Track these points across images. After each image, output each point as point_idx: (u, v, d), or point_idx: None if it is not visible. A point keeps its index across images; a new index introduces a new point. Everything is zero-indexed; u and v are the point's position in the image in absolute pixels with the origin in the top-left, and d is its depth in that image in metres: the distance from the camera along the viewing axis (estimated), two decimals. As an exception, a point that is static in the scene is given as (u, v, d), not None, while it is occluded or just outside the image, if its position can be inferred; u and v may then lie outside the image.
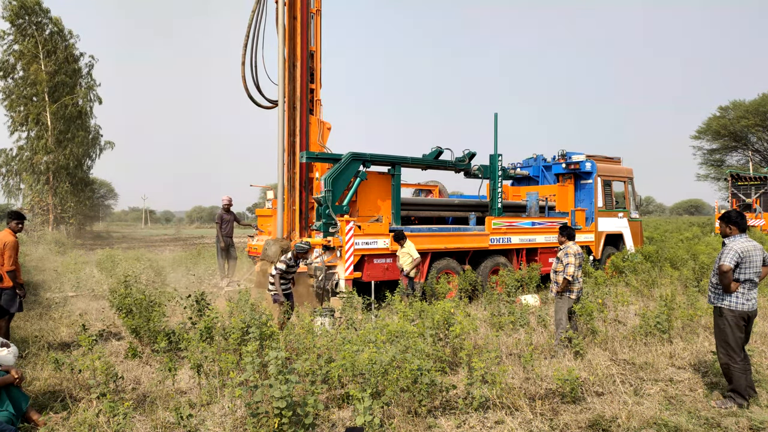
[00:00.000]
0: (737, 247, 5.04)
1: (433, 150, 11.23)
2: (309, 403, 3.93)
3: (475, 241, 10.94)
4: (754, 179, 26.59)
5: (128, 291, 7.45)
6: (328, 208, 9.32)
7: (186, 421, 4.24)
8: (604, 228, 13.57)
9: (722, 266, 5.03)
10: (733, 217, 5.19)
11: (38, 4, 30.81)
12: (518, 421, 4.68)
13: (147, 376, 5.95)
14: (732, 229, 5.18)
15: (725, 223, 5.22)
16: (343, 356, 4.85)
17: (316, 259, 9.40)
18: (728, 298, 5.11)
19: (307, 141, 10.31)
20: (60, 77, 31.45)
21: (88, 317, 8.84)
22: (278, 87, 10.15)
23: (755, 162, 45.26)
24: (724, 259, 5.04)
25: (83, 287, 12.58)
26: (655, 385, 5.63)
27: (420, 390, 4.67)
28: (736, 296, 5.09)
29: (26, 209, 30.39)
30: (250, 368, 4.29)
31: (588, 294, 8.00)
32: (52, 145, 30.78)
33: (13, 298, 6.84)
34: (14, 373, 4.67)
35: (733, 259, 5.01)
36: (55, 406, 5.02)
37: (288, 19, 10.20)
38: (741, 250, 5.03)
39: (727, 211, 5.41)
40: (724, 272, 5.02)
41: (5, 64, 30.70)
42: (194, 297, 7.56)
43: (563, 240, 7.08)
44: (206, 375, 5.49)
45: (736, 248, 5.04)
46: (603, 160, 13.93)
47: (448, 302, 6.68)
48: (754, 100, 47.77)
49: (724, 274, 5.02)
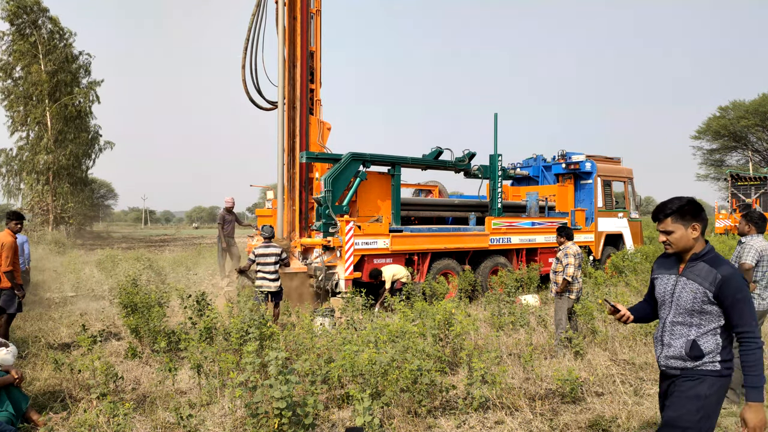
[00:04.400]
0: (758, 246, 5.04)
1: (433, 150, 11.24)
2: (309, 403, 3.93)
3: (475, 241, 10.95)
4: (754, 179, 26.61)
5: (136, 289, 7.44)
6: (328, 208, 9.32)
7: (186, 422, 4.24)
8: (604, 228, 13.57)
9: (744, 264, 5.02)
10: (755, 217, 5.19)
11: (37, 3, 30.81)
12: (518, 421, 4.68)
13: (147, 376, 5.95)
14: (751, 228, 5.18)
15: (746, 221, 5.22)
16: (343, 356, 4.84)
17: (316, 259, 9.40)
18: None
19: (307, 141, 10.31)
20: (60, 76, 31.47)
21: (88, 317, 8.84)
22: (278, 87, 10.16)
23: (755, 162, 45.28)
24: (746, 257, 5.03)
25: (83, 287, 12.58)
26: (655, 385, 5.63)
27: (420, 390, 4.67)
28: (753, 296, 5.08)
29: (26, 209, 30.39)
30: (250, 368, 4.29)
31: (588, 294, 8.00)
32: (52, 145, 30.79)
33: (12, 298, 6.83)
34: (14, 374, 4.67)
35: (754, 257, 5.01)
36: (55, 406, 5.02)
37: (288, 20, 10.21)
38: (761, 248, 5.03)
39: (751, 210, 5.41)
40: (746, 270, 5.00)
41: (6, 64, 30.72)
42: (194, 297, 7.56)
43: (562, 240, 7.08)
44: (206, 375, 5.49)
45: (757, 247, 5.03)
46: (603, 160, 13.93)
47: (449, 302, 6.68)
48: (754, 100, 47.84)
49: (746, 273, 5.00)
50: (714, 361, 2.71)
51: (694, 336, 2.74)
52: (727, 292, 2.66)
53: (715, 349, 2.71)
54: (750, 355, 2.63)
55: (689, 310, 2.76)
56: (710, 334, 2.72)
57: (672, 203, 2.82)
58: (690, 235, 2.77)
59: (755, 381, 2.62)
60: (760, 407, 2.60)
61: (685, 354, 2.75)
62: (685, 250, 2.82)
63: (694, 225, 2.77)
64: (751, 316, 2.66)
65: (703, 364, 2.72)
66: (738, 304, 2.66)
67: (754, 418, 2.59)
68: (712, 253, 2.78)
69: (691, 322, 2.76)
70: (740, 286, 2.67)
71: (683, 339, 2.77)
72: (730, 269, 2.70)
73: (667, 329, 2.85)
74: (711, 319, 2.73)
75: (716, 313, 2.71)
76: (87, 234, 40.99)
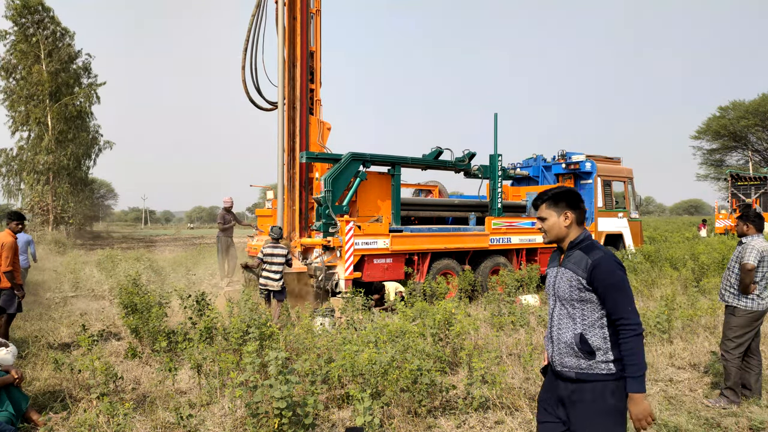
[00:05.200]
0: (759, 246, 5.03)
1: (433, 150, 11.23)
2: (309, 403, 3.93)
3: (475, 241, 10.95)
4: (754, 179, 26.60)
5: (136, 289, 7.45)
6: (328, 208, 9.32)
7: (186, 421, 4.24)
8: (604, 228, 13.57)
9: (746, 265, 5.00)
10: (751, 216, 5.18)
11: (41, 4, 30.81)
12: (518, 421, 4.68)
13: (147, 376, 5.95)
14: (749, 228, 5.17)
15: (743, 221, 5.21)
16: (343, 356, 4.84)
17: (316, 259, 9.40)
18: (744, 299, 5.10)
19: (307, 141, 10.31)
20: (62, 76, 31.48)
21: (88, 317, 8.84)
22: (278, 87, 10.16)
23: (755, 162, 45.29)
24: (747, 257, 5.01)
25: (83, 287, 12.59)
26: (655, 385, 5.63)
27: (420, 390, 4.67)
28: (752, 297, 5.08)
29: (26, 209, 30.39)
30: (250, 368, 4.29)
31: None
32: (52, 146, 30.80)
33: (12, 298, 6.83)
34: (14, 373, 4.67)
35: (756, 258, 4.99)
36: (55, 406, 5.02)
37: (288, 20, 10.21)
38: (762, 249, 5.02)
39: (746, 210, 5.40)
40: (748, 271, 4.99)
41: (8, 64, 30.72)
42: (194, 297, 7.56)
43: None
44: (206, 375, 5.49)
45: (758, 247, 5.02)
46: (603, 160, 13.93)
47: (449, 302, 6.68)
48: (754, 100, 47.92)
49: (748, 273, 4.99)
50: (607, 360, 2.59)
51: (581, 329, 2.64)
52: (598, 277, 2.58)
53: (603, 344, 2.60)
54: (626, 342, 2.53)
55: (569, 300, 2.68)
56: (597, 326, 2.62)
57: (550, 191, 2.80)
58: (562, 223, 2.75)
59: (634, 371, 2.51)
60: (641, 398, 2.51)
61: (576, 348, 2.63)
62: (558, 239, 2.79)
63: (566, 213, 2.75)
64: (627, 302, 2.55)
65: (596, 364, 2.59)
66: (610, 290, 2.56)
67: (636, 410, 2.50)
68: (588, 240, 2.73)
69: (574, 314, 2.67)
70: (611, 271, 2.57)
71: (570, 332, 2.68)
72: (601, 254, 2.62)
73: (555, 324, 2.77)
74: (593, 308, 2.63)
75: (596, 301, 2.63)
76: (87, 234, 41.02)
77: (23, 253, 11.78)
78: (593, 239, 2.76)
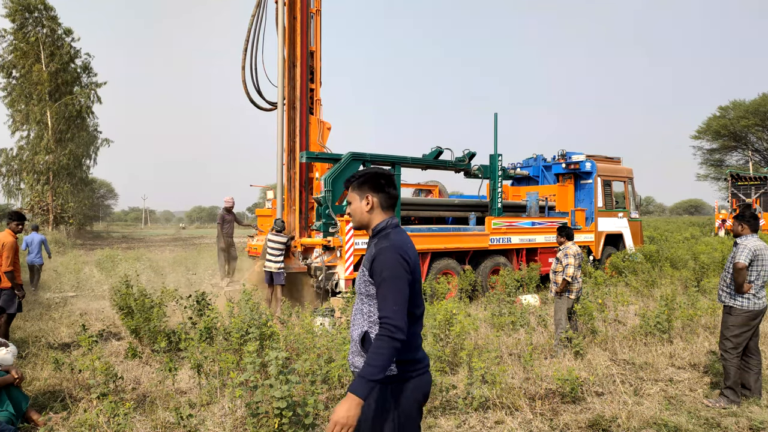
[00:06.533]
0: (751, 245, 5.06)
1: (433, 150, 11.23)
2: (309, 403, 3.93)
3: (475, 241, 10.95)
4: (754, 179, 26.61)
5: (129, 291, 7.45)
6: (328, 208, 9.32)
7: (186, 421, 4.24)
8: (604, 228, 13.57)
9: (737, 264, 5.04)
10: (747, 216, 5.21)
11: (43, 2, 30.81)
12: (518, 421, 4.68)
13: (147, 376, 5.95)
14: (744, 228, 5.20)
15: (738, 221, 5.24)
16: (343, 356, 4.85)
17: (317, 259, 9.41)
18: (740, 298, 5.12)
19: (307, 141, 10.31)
20: (62, 76, 31.48)
21: (88, 317, 8.85)
22: (278, 87, 10.16)
23: (755, 162, 45.28)
24: (739, 257, 5.05)
25: (83, 287, 12.59)
26: (655, 385, 5.63)
27: (420, 390, 4.66)
28: (748, 296, 5.10)
29: (26, 209, 30.41)
30: (250, 368, 4.29)
31: (588, 294, 7.99)
32: (52, 145, 30.81)
33: (12, 298, 6.83)
34: (14, 373, 4.67)
35: (747, 257, 5.03)
36: (55, 406, 5.02)
37: (288, 19, 10.21)
38: (754, 248, 5.05)
39: (742, 210, 5.42)
40: (739, 270, 5.02)
41: (7, 63, 30.72)
42: (194, 297, 7.56)
43: (562, 240, 7.08)
44: (206, 375, 5.49)
45: (750, 246, 5.06)
46: (603, 160, 13.94)
47: (449, 302, 6.68)
48: (754, 100, 47.91)
49: (740, 272, 5.02)
50: None
51: (367, 326, 2.40)
52: (376, 269, 2.32)
53: None
54: (376, 340, 2.25)
55: (359, 294, 2.46)
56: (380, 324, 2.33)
57: (358, 172, 2.54)
58: (363, 208, 2.48)
59: (367, 371, 2.18)
60: (355, 403, 2.16)
61: (359, 347, 2.39)
62: (362, 225, 2.52)
63: (368, 196, 2.47)
64: (393, 301, 2.26)
65: None
66: (383, 284, 2.29)
67: (341, 412, 2.14)
68: (389, 228, 2.45)
69: (362, 309, 2.43)
70: (387, 262, 2.30)
71: (358, 330, 2.43)
72: (386, 243, 2.36)
73: (352, 320, 2.51)
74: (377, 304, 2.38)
75: None
76: (87, 234, 41.03)
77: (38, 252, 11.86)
78: (397, 227, 2.49)
